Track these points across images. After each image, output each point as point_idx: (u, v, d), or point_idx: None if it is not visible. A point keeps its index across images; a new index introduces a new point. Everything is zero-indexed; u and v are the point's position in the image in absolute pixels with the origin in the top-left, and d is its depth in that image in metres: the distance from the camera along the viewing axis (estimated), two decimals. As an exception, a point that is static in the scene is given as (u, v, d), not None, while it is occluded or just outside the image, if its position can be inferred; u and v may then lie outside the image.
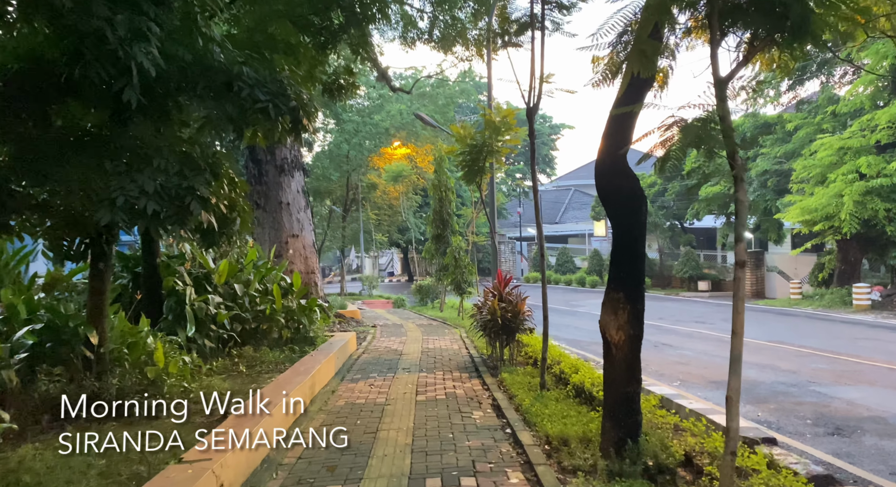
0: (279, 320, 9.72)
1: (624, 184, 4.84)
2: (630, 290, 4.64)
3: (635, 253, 4.71)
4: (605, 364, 4.77)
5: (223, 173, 6.41)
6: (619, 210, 4.83)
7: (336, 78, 10.26)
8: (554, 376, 7.75)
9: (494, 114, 10.33)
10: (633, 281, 4.67)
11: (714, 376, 10.70)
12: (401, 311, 21.64)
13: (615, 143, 4.99)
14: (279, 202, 14.14)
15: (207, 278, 8.91)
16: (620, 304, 4.62)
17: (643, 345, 7.22)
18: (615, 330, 4.61)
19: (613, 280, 4.74)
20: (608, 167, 4.96)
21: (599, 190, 5.05)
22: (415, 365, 9.36)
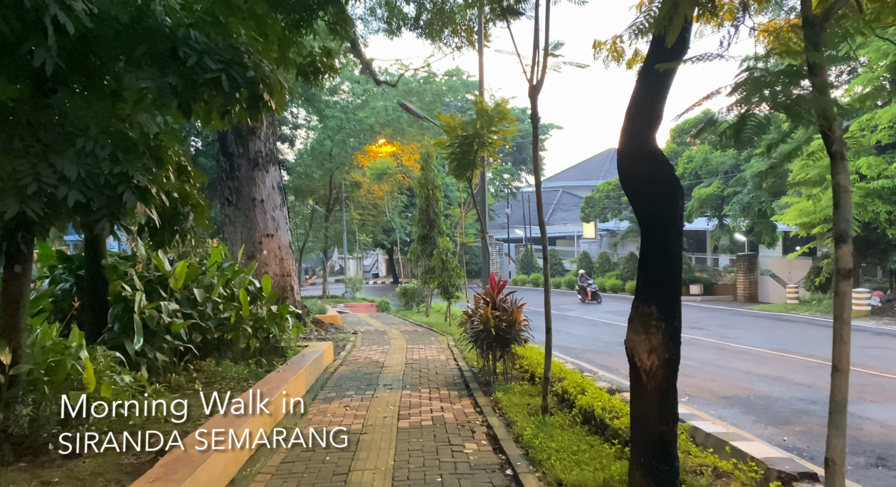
0: (246, 329, 8.67)
1: (655, 171, 3.90)
2: (664, 303, 3.70)
3: (670, 256, 3.77)
4: (634, 395, 3.82)
5: (168, 158, 5.38)
6: (649, 203, 3.88)
7: (312, 59, 9.24)
8: (555, 395, 6.81)
9: (487, 103, 9.39)
10: (668, 291, 3.73)
11: (724, 390, 9.82)
12: (384, 316, 20.62)
13: (643, 122, 4.05)
14: (252, 199, 13.06)
15: (162, 282, 7.85)
16: (653, 321, 3.67)
17: None
18: (646, 354, 3.66)
19: (643, 290, 3.79)
20: (635, 150, 4.01)
21: (624, 179, 4.11)
22: (398, 380, 8.37)
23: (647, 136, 4.02)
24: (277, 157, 13.85)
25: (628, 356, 3.84)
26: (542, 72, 5.67)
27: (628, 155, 4.07)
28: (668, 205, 3.82)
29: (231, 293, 9.13)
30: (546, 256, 6.25)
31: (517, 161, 51.04)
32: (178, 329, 7.49)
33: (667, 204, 3.83)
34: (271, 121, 13.52)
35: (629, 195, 4.08)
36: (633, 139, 4.06)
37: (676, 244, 3.79)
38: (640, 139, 4.03)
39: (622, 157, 4.12)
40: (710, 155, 29.04)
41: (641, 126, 4.04)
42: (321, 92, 28.33)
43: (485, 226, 10.82)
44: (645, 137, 4.03)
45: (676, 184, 3.87)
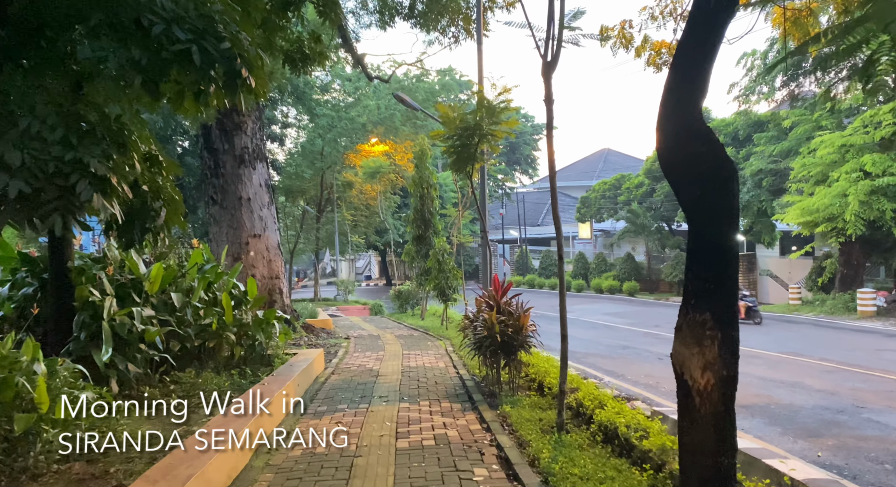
0: (229, 336, 7.99)
1: (704, 152, 3.28)
2: (720, 309, 3.08)
3: (726, 252, 3.15)
4: (683, 420, 3.19)
5: (133, 145, 4.72)
6: (698, 190, 3.26)
7: (300, 45, 8.59)
8: (569, 408, 6.18)
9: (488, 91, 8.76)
10: (725, 294, 3.11)
11: (741, 398, 9.14)
12: (378, 319, 19.94)
13: (686, 92, 3.43)
14: (238, 197, 12.37)
15: (136, 286, 7.16)
16: (707, 330, 3.05)
17: (646, 357, 5.73)
18: (699, 370, 3.03)
19: (694, 294, 3.16)
20: (678, 129, 3.40)
21: (666, 163, 3.49)
22: (394, 390, 7.71)
23: (692, 111, 3.41)
24: (265, 154, 13.16)
25: (676, 373, 3.21)
26: (557, 46, 5.04)
27: (670, 134, 3.45)
28: (721, 192, 3.21)
29: (213, 297, 8.45)
30: (561, 254, 5.63)
31: (511, 161, 50.50)
32: (152, 337, 6.80)
33: (720, 190, 3.21)
34: (258, 115, 12.85)
35: (672, 181, 3.46)
36: (675, 115, 3.44)
37: (732, 237, 3.17)
38: (683, 115, 3.41)
39: (662, 138, 3.49)
40: (709, 153, 28.57)
41: (684, 98, 3.42)
42: (311, 91, 27.62)
43: (485, 224, 10.18)
44: (689, 112, 3.41)
45: (730, 167, 3.25)
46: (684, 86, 3.44)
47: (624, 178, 34.00)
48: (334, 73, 29.55)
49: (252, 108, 12.46)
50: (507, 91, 8.70)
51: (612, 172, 42.15)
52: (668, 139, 3.46)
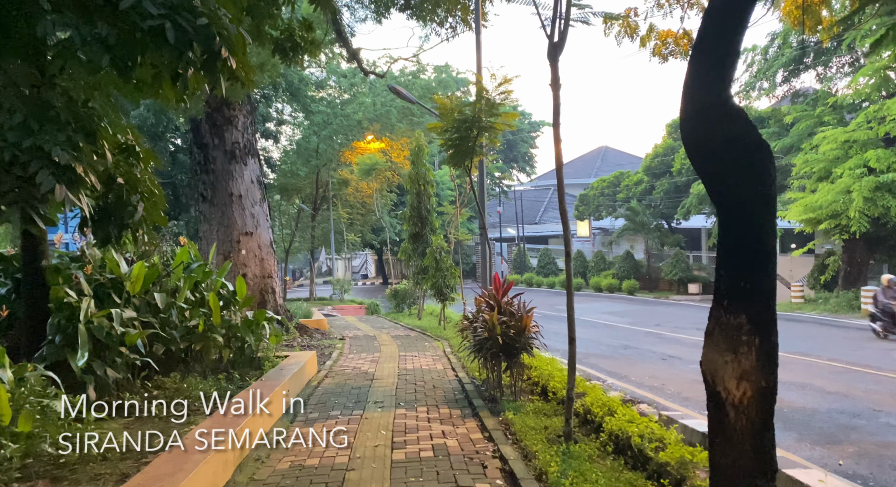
0: (216, 338, 7.60)
1: (736, 134, 2.91)
2: (758, 311, 2.71)
3: (763, 246, 2.79)
4: (716, 436, 2.82)
5: (103, 132, 4.33)
6: (731, 176, 2.89)
7: (291, 33, 8.20)
8: (575, 415, 5.81)
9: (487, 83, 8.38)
10: (763, 294, 2.74)
11: (751, 400, 8.89)
12: (374, 319, 19.56)
13: (715, 69, 3.06)
14: (229, 194, 11.96)
15: (116, 286, 6.76)
16: (743, 335, 2.68)
17: (649, 357, 5.40)
18: (734, 381, 2.67)
19: (727, 293, 2.80)
20: (705, 107, 3.02)
21: (692, 146, 3.11)
22: (390, 395, 7.33)
23: (721, 89, 3.04)
24: (256, 149, 12.76)
25: (707, 383, 2.84)
26: (564, 24, 4.66)
27: (696, 116, 3.07)
28: (756, 179, 2.84)
29: (200, 297, 8.06)
30: (568, 251, 5.25)
31: (508, 159, 50.14)
32: (133, 340, 6.40)
33: (755, 177, 2.84)
34: (249, 109, 12.45)
35: (699, 167, 3.09)
36: (702, 94, 3.07)
37: (771, 230, 2.80)
38: (710, 93, 3.04)
39: (687, 118, 3.12)
40: (709, 150, 28.24)
41: (711, 73, 3.05)
42: (307, 87, 27.20)
43: (484, 220, 9.80)
44: (717, 90, 3.04)
45: (766, 150, 2.88)
46: (711, 59, 3.07)
47: (623, 176, 33.67)
48: (329, 69, 29.13)
49: (243, 102, 12.07)
50: (508, 82, 8.33)
51: (610, 170, 41.81)
52: (694, 121, 3.09)
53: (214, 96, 11.57)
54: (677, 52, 9.82)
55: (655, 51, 9.79)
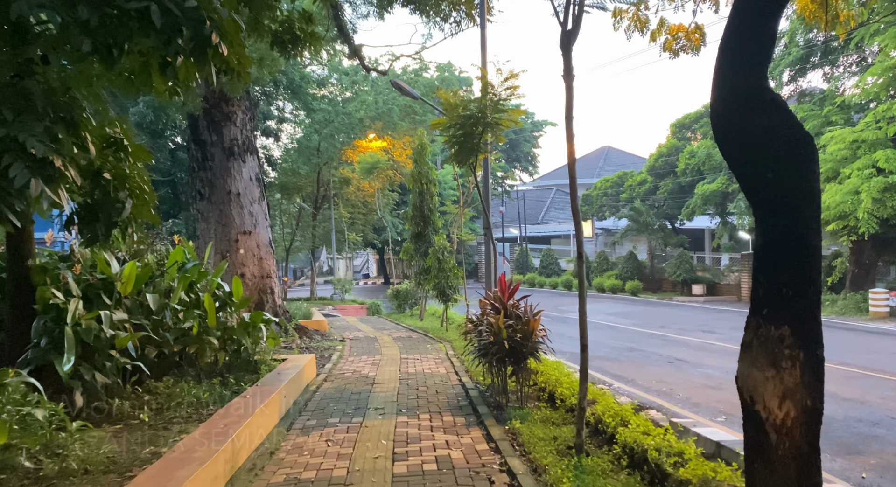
0: (211, 341, 7.33)
1: (776, 125, 2.63)
2: (802, 321, 2.43)
3: (808, 248, 2.50)
4: (754, 461, 2.54)
5: (85, 123, 4.05)
6: (771, 171, 2.61)
7: (290, 25, 7.91)
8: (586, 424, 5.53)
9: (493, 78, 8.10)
10: (807, 303, 2.46)
11: (764, 407, 8.60)
12: (375, 320, 19.29)
13: (750, 53, 2.77)
14: (227, 192, 11.70)
15: (107, 287, 6.49)
16: (785, 349, 2.40)
17: (655, 360, 5.16)
18: (776, 400, 2.39)
19: (766, 301, 2.51)
20: (742, 97, 2.74)
21: (724, 139, 2.83)
22: (391, 401, 7.06)
23: (759, 73, 2.76)
24: (255, 146, 12.49)
25: (743, 401, 2.56)
26: (578, 10, 4.38)
27: (731, 103, 2.79)
28: (799, 172, 2.56)
29: (195, 299, 7.79)
30: (581, 252, 4.97)
31: (511, 158, 49.87)
32: (123, 343, 6.13)
33: (797, 171, 2.56)
34: (248, 105, 12.18)
35: (733, 161, 2.81)
36: (737, 79, 2.78)
37: (815, 229, 2.52)
38: (745, 79, 2.76)
39: (720, 108, 2.84)
40: (714, 150, 27.92)
41: (748, 57, 2.76)
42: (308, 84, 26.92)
43: (488, 219, 9.52)
44: (753, 75, 2.76)
45: (810, 142, 2.60)
46: (748, 44, 2.78)
47: (626, 176, 33.38)
48: (331, 66, 28.87)
49: (242, 98, 11.80)
50: (514, 77, 8.05)
51: (612, 170, 41.51)
52: (728, 112, 2.81)
53: (213, 92, 11.30)
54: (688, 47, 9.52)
55: (666, 46, 9.51)
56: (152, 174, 22.76)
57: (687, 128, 31.54)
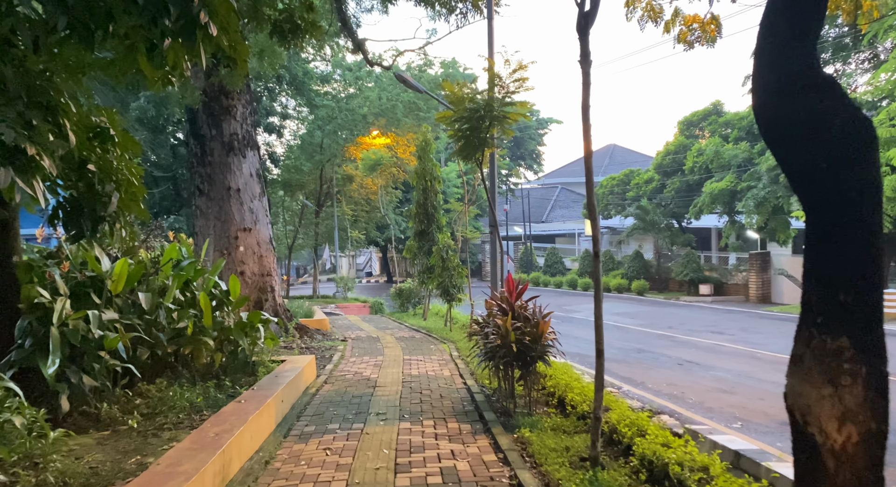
0: (207, 342, 7.04)
1: (830, 108, 2.31)
2: (863, 331, 2.12)
3: (869, 248, 2.18)
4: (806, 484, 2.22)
5: (65, 109, 3.75)
6: (821, 159, 2.29)
7: (290, 14, 7.61)
8: (599, 433, 5.22)
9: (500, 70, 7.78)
10: (868, 310, 2.14)
11: (780, 413, 8.24)
12: (378, 318, 19.00)
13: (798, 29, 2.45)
14: (227, 187, 11.41)
15: (96, 285, 6.21)
16: (844, 363, 2.09)
17: (664, 362, 4.87)
18: (834, 422, 2.08)
19: (820, 309, 2.20)
20: (787, 79, 2.42)
21: (769, 125, 2.52)
22: (393, 405, 6.76)
23: (808, 52, 2.43)
24: (256, 141, 12.20)
25: (794, 422, 2.25)
26: (599, -9, 4.07)
27: (776, 85, 2.47)
28: (857, 161, 2.24)
29: (191, 297, 7.51)
30: (597, 251, 4.65)
31: (515, 156, 49.50)
32: (113, 344, 5.83)
33: (856, 160, 2.24)
34: (249, 98, 11.88)
35: (779, 150, 2.49)
36: (783, 59, 2.46)
37: (877, 226, 2.21)
38: (795, 57, 2.44)
39: (763, 91, 2.52)
40: (722, 148, 27.54)
41: (795, 34, 2.44)
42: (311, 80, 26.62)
43: (495, 217, 9.20)
44: (802, 54, 2.44)
45: (869, 126, 2.28)
46: (795, 19, 2.46)
47: (633, 174, 32.99)
48: (334, 62, 28.58)
49: (242, 91, 11.51)
50: (523, 68, 7.73)
51: (618, 168, 41.13)
52: (772, 95, 2.49)
53: (212, 85, 11.01)
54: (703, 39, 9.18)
55: (680, 37, 9.17)
56: (153, 170, 22.52)
57: (695, 125, 31.14)
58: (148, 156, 21.82)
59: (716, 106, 31.00)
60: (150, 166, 22.17)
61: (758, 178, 25.47)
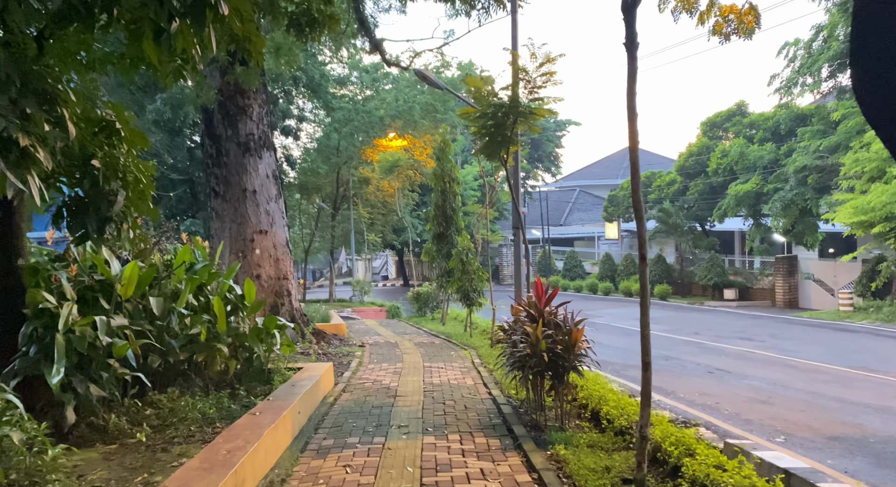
0: (221, 349, 6.73)
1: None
2: None
3: None
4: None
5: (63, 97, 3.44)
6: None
7: (308, 6, 7.31)
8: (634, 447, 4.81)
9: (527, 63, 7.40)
10: None
11: (825, 426, 7.76)
12: (395, 323, 18.66)
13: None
14: (243, 189, 11.15)
15: (105, 289, 5.92)
16: None
17: (693, 369, 4.46)
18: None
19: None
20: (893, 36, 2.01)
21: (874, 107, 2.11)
22: (415, 417, 6.39)
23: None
24: (272, 142, 11.93)
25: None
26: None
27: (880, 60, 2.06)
28: None
29: (205, 302, 7.21)
30: (643, 253, 4.25)
31: (532, 158, 49.02)
32: (122, 352, 5.53)
33: None
34: (265, 98, 11.62)
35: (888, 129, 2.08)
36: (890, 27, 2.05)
37: None
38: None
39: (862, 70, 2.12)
40: (747, 149, 26.87)
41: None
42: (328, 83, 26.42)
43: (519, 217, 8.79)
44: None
45: None
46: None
47: (655, 176, 32.39)
48: (351, 64, 28.38)
49: (258, 90, 11.25)
50: (552, 61, 7.35)
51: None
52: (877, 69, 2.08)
53: (227, 83, 10.76)
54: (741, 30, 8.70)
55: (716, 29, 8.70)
56: (169, 173, 22.42)
57: (718, 126, 30.48)
58: (164, 158, 21.72)
59: (740, 106, 30.32)
60: (167, 169, 22.08)
61: (785, 180, 24.78)
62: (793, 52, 25.23)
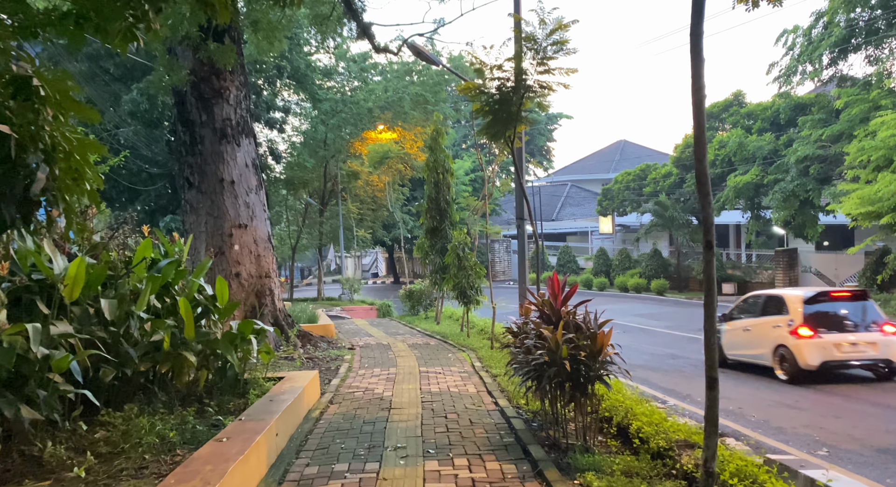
0: (188, 358, 5.81)
1: None
2: None
3: None
4: None
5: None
6: None
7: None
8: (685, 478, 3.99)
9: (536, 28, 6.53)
10: None
11: (868, 436, 6.96)
12: (387, 322, 17.75)
13: None
14: (220, 179, 10.19)
15: (44, 291, 4.99)
16: None
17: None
18: None
19: None
20: None
21: None
22: (414, 436, 5.51)
23: None
24: (252, 128, 10.99)
25: None
26: None
27: None
28: None
29: (170, 304, 6.28)
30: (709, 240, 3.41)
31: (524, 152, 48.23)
32: (63, 366, 4.60)
33: None
34: (243, 80, 10.66)
35: None
36: None
37: None
38: None
39: None
40: (746, 139, 26.18)
41: None
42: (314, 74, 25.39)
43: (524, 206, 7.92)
44: None
45: None
46: None
47: (649, 168, 31.67)
48: (338, 54, 27.37)
49: (235, 71, 10.28)
50: (564, 28, 6.48)
51: (629, 164, 39.78)
52: None
53: (201, 63, 9.78)
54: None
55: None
56: (147, 166, 21.36)
57: (715, 117, 29.79)
58: (142, 152, 20.64)
59: (737, 96, 29.66)
60: (145, 162, 21.00)
61: (785, 171, 24.11)
62: (792, 40, 24.56)
